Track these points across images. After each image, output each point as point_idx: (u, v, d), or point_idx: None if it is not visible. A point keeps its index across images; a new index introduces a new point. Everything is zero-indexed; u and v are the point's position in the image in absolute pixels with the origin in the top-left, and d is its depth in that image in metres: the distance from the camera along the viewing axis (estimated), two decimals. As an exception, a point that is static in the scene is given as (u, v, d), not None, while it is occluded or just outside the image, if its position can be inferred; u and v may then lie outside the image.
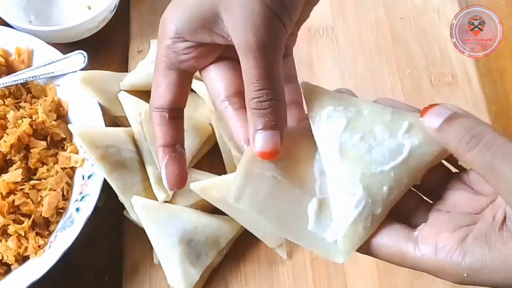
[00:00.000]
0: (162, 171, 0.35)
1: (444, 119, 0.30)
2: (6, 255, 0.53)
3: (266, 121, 0.31)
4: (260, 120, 0.31)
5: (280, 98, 0.31)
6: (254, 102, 0.31)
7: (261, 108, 0.31)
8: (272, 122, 0.31)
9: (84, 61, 0.61)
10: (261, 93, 0.30)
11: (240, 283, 0.57)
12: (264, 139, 0.31)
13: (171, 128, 0.35)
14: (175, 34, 0.32)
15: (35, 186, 0.56)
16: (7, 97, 0.60)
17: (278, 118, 0.31)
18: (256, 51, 0.30)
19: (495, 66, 0.69)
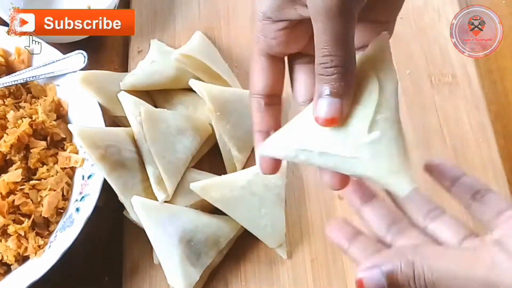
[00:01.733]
0: (257, 155, 0.35)
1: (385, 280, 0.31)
2: (6, 255, 0.53)
3: (330, 87, 0.30)
4: (324, 86, 0.30)
5: (347, 66, 0.30)
6: (321, 67, 0.30)
7: (326, 74, 0.30)
8: (335, 89, 0.30)
9: (84, 61, 0.61)
10: (327, 59, 0.30)
11: (240, 283, 0.57)
12: (327, 106, 0.30)
13: (267, 114, 0.35)
14: (263, 16, 0.32)
15: (35, 186, 0.56)
16: (7, 97, 0.60)
17: (342, 85, 0.30)
18: (324, 15, 0.29)
19: (495, 66, 0.69)
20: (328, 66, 0.30)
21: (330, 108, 0.30)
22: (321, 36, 0.30)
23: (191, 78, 0.61)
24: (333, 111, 0.30)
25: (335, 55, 0.30)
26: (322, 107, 0.31)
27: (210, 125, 0.61)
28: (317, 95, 0.31)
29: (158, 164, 0.56)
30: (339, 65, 0.30)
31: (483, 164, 0.61)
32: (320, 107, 0.31)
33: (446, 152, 0.62)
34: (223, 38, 0.70)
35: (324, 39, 0.29)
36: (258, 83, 0.35)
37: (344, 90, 0.30)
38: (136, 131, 0.57)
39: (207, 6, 0.73)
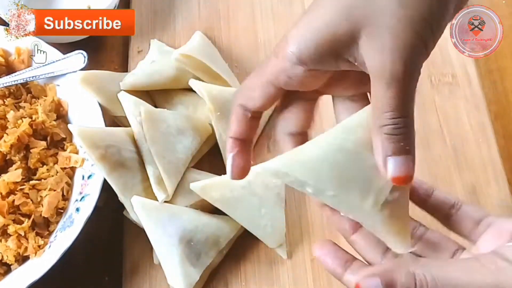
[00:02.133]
0: (228, 161, 0.36)
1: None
2: (6, 255, 0.53)
3: (400, 146, 0.30)
4: (394, 145, 0.30)
5: (412, 124, 0.31)
6: (389, 128, 0.30)
7: (395, 134, 0.30)
8: (406, 147, 0.30)
9: (84, 61, 0.61)
10: (397, 120, 0.30)
11: (240, 283, 0.57)
12: (398, 164, 0.31)
13: (248, 126, 0.36)
14: (297, 59, 0.32)
15: (35, 186, 0.56)
16: (7, 97, 0.60)
17: (410, 143, 0.31)
18: (403, 80, 0.29)
19: (495, 66, 0.69)
20: (398, 127, 0.30)
21: (406, 166, 0.31)
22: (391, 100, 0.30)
23: (191, 78, 0.62)
24: (408, 168, 0.31)
25: (405, 117, 0.30)
26: (397, 166, 0.30)
27: (210, 125, 0.61)
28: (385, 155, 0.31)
29: (158, 164, 0.56)
30: (407, 125, 0.30)
31: (483, 164, 0.61)
32: (392, 166, 0.31)
33: (446, 152, 0.62)
34: (223, 38, 0.70)
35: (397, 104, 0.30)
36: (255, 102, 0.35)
37: (413, 147, 0.31)
38: (136, 131, 0.57)
39: (207, 6, 0.73)
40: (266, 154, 0.63)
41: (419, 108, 0.65)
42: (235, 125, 0.36)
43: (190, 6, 0.73)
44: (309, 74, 0.33)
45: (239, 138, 0.36)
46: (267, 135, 0.64)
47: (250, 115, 0.35)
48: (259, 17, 0.72)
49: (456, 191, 0.60)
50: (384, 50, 0.29)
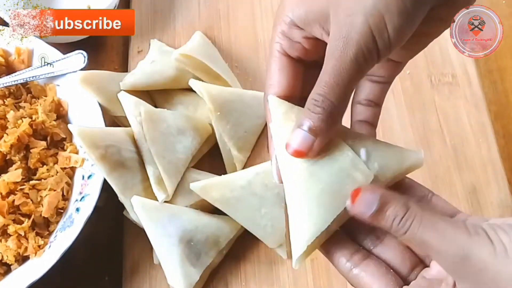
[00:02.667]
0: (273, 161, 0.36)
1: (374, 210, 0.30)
2: (6, 255, 0.53)
3: (310, 123, 0.31)
4: (306, 120, 0.32)
5: (334, 112, 0.31)
6: (311, 102, 0.32)
7: (312, 110, 0.31)
8: (314, 127, 0.31)
9: (84, 61, 0.61)
10: (320, 97, 0.31)
11: (240, 283, 0.57)
12: (300, 138, 0.32)
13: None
14: (291, 21, 0.34)
15: (35, 186, 0.56)
16: (7, 97, 0.60)
17: (321, 127, 0.32)
18: (338, 59, 0.31)
19: (495, 66, 0.69)
20: (318, 105, 0.31)
21: (302, 142, 0.32)
22: (325, 75, 0.31)
23: (191, 78, 0.61)
24: (304, 145, 0.32)
25: (327, 98, 0.31)
26: (295, 137, 0.32)
27: (210, 125, 0.61)
28: (296, 124, 0.32)
29: (158, 164, 0.56)
30: (327, 109, 0.31)
31: (483, 164, 0.61)
32: (294, 136, 0.32)
33: (446, 151, 0.62)
34: (223, 38, 0.70)
35: (326, 80, 0.31)
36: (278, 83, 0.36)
37: (321, 131, 0.32)
38: (136, 131, 0.57)
39: (207, 6, 0.73)
40: (266, 154, 0.63)
41: (419, 108, 0.65)
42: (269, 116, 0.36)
43: (190, 6, 0.73)
44: (307, 41, 0.35)
45: None
46: (267, 135, 0.63)
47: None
48: (259, 16, 0.72)
49: (456, 191, 0.60)
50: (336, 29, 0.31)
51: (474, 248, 0.29)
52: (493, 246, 0.28)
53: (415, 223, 0.30)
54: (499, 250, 0.28)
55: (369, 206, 0.30)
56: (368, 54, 0.31)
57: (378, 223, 0.31)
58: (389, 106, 0.65)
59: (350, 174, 0.33)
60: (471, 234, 0.29)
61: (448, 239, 0.29)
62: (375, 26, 0.30)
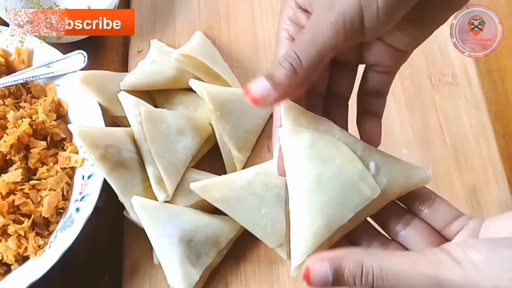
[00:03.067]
0: (275, 154, 0.36)
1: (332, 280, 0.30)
2: (6, 255, 0.53)
3: (274, 74, 0.31)
4: (272, 70, 0.32)
5: (300, 72, 0.31)
6: (283, 57, 0.32)
7: (281, 63, 0.32)
8: (277, 79, 0.31)
9: (84, 61, 0.61)
10: (292, 54, 0.31)
11: (240, 283, 0.57)
12: (259, 85, 0.32)
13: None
14: (296, 4, 0.34)
15: (35, 186, 0.56)
16: (7, 97, 0.60)
17: (282, 81, 0.31)
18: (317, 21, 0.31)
19: (495, 66, 0.69)
20: (287, 60, 0.31)
21: (261, 90, 0.32)
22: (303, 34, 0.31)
23: (191, 78, 0.61)
24: (260, 92, 0.32)
25: (297, 57, 0.31)
26: (257, 85, 0.32)
27: (210, 125, 0.61)
28: (262, 73, 0.32)
29: (158, 164, 0.56)
30: (295, 66, 0.31)
31: (483, 164, 0.61)
32: (256, 83, 0.32)
33: (446, 151, 0.62)
34: (223, 38, 0.70)
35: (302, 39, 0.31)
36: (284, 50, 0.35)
37: (281, 86, 0.32)
38: (136, 131, 0.57)
39: (207, 6, 0.73)
40: (266, 154, 0.63)
41: (419, 108, 0.65)
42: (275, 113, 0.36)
43: (190, 6, 0.73)
44: None
45: None
46: (267, 135, 0.64)
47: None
48: (259, 16, 0.72)
49: (456, 191, 0.60)
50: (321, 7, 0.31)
51: (442, 277, 0.28)
52: (461, 267, 0.28)
53: (376, 274, 0.29)
54: (468, 269, 0.28)
55: (325, 279, 0.30)
56: (350, 24, 0.31)
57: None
58: (389, 106, 0.65)
59: (357, 187, 0.33)
60: (434, 264, 0.29)
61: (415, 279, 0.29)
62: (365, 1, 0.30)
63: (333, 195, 0.33)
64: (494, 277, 0.28)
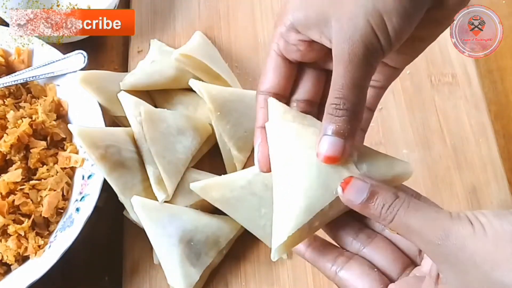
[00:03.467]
0: (256, 150, 0.37)
1: (364, 198, 0.32)
2: (6, 255, 0.53)
3: (336, 127, 0.32)
4: (331, 125, 0.33)
5: (356, 112, 0.33)
6: (331, 107, 0.32)
7: (335, 114, 0.32)
8: (341, 130, 0.32)
9: (84, 61, 0.61)
10: (340, 100, 0.32)
11: (240, 283, 0.57)
12: (329, 144, 0.33)
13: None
14: (291, 24, 0.35)
15: (35, 186, 0.56)
16: (7, 97, 0.61)
17: (348, 128, 0.33)
18: (348, 61, 0.32)
19: (495, 66, 0.69)
20: (339, 108, 0.32)
21: (333, 147, 0.33)
22: (339, 78, 0.32)
23: (191, 78, 0.62)
24: (336, 150, 0.33)
25: (348, 100, 0.32)
26: (325, 144, 0.33)
27: (210, 125, 0.61)
28: (322, 132, 0.33)
29: (158, 164, 0.56)
30: (350, 109, 0.32)
31: (483, 164, 0.61)
32: (323, 144, 0.33)
33: (446, 151, 0.62)
34: (223, 38, 0.70)
35: (342, 83, 0.32)
36: (270, 81, 0.37)
37: (349, 133, 0.33)
38: (136, 131, 0.57)
39: (207, 6, 0.73)
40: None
41: (419, 108, 0.65)
42: (259, 113, 0.37)
43: (190, 6, 0.73)
44: (302, 44, 0.36)
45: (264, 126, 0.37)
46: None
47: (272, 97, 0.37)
48: (259, 17, 0.72)
49: (456, 191, 0.60)
50: (341, 31, 0.32)
51: (453, 228, 0.30)
52: (472, 226, 0.29)
53: (401, 209, 0.31)
54: (477, 230, 0.29)
55: (359, 194, 0.32)
56: (374, 51, 0.32)
57: (367, 212, 0.32)
58: (389, 106, 0.65)
59: (338, 172, 0.34)
60: (452, 217, 0.30)
61: (430, 222, 0.30)
62: (376, 26, 0.32)
63: (315, 178, 0.34)
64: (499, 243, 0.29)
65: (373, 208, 0.32)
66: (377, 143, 0.62)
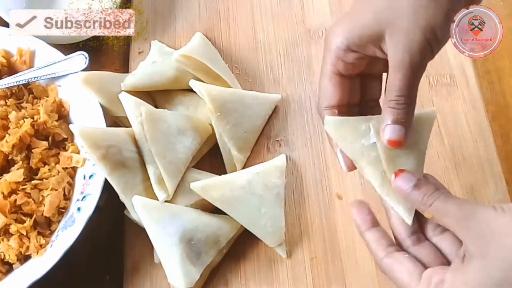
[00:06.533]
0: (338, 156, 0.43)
1: (411, 186, 0.39)
2: (8, 254, 0.53)
3: (397, 117, 0.39)
4: (392, 116, 0.39)
5: (412, 104, 0.40)
6: (393, 103, 0.39)
7: (396, 107, 0.39)
8: (402, 119, 0.39)
9: (85, 62, 0.62)
10: (400, 98, 0.39)
11: (240, 282, 0.57)
12: (393, 130, 0.39)
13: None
14: (346, 46, 0.41)
15: (36, 186, 0.56)
16: (9, 98, 0.61)
17: (406, 118, 0.40)
18: (408, 68, 0.39)
19: (492, 67, 0.70)
20: (400, 102, 0.39)
21: (398, 132, 0.40)
22: (398, 82, 0.39)
23: (191, 79, 0.62)
24: (400, 134, 0.40)
25: (406, 97, 0.39)
26: (391, 131, 0.40)
27: (210, 125, 0.61)
28: (385, 122, 0.40)
29: (159, 164, 0.56)
30: (408, 103, 0.39)
31: (481, 164, 0.62)
32: (389, 131, 0.40)
33: (444, 152, 0.62)
34: (223, 39, 0.71)
35: (401, 85, 0.39)
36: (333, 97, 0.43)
37: (407, 121, 0.40)
38: (137, 131, 0.57)
39: (207, 7, 0.73)
40: (266, 154, 0.63)
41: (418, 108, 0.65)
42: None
43: (190, 7, 0.73)
44: (359, 61, 0.42)
45: None
46: (267, 135, 0.64)
47: (337, 111, 0.43)
48: (259, 18, 0.72)
49: (454, 191, 0.60)
50: (398, 46, 0.39)
51: (479, 209, 0.37)
52: (494, 208, 0.36)
53: (440, 198, 0.38)
54: (499, 210, 0.36)
55: (407, 182, 0.39)
56: (428, 57, 0.39)
57: (411, 198, 0.39)
58: (388, 107, 0.65)
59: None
60: (478, 203, 0.37)
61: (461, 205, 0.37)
62: (431, 38, 0.38)
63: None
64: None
65: (416, 194, 0.39)
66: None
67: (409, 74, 0.39)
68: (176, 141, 0.58)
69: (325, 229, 0.59)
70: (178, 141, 0.58)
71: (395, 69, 0.39)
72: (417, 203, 0.39)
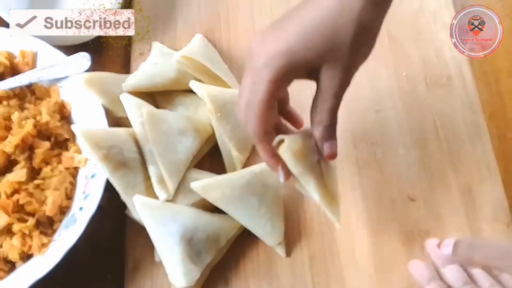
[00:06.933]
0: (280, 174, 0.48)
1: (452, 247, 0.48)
2: (11, 253, 0.54)
3: (330, 135, 0.45)
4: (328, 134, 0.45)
5: (336, 123, 0.45)
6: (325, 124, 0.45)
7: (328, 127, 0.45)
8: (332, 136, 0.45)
9: (87, 63, 0.62)
10: (329, 120, 0.44)
11: (240, 281, 0.57)
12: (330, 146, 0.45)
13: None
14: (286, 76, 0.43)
15: (39, 186, 0.57)
16: (11, 99, 0.61)
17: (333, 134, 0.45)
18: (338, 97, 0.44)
19: (490, 68, 0.70)
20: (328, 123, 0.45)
21: (334, 147, 0.46)
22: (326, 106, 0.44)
23: (192, 80, 0.62)
24: (335, 149, 0.46)
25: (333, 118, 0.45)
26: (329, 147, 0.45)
27: (211, 126, 0.62)
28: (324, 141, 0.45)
29: (160, 164, 0.56)
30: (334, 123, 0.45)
31: (478, 165, 0.62)
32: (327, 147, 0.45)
33: (441, 152, 0.63)
34: (223, 40, 0.71)
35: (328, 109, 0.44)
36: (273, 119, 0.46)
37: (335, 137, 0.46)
38: (138, 131, 0.58)
39: (208, 8, 0.74)
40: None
41: (415, 109, 0.65)
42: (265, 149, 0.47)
43: (191, 9, 0.74)
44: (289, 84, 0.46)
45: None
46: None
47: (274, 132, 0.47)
48: (259, 19, 0.72)
49: (452, 191, 0.60)
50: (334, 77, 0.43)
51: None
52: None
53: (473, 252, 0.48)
54: None
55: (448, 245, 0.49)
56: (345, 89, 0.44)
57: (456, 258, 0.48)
58: (386, 108, 0.65)
59: None
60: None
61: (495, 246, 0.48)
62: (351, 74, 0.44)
63: None
64: None
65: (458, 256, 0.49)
66: (374, 144, 0.63)
67: (338, 103, 0.44)
68: (177, 141, 0.59)
69: (325, 229, 0.59)
70: (179, 141, 0.59)
71: (327, 98, 0.44)
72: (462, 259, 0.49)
